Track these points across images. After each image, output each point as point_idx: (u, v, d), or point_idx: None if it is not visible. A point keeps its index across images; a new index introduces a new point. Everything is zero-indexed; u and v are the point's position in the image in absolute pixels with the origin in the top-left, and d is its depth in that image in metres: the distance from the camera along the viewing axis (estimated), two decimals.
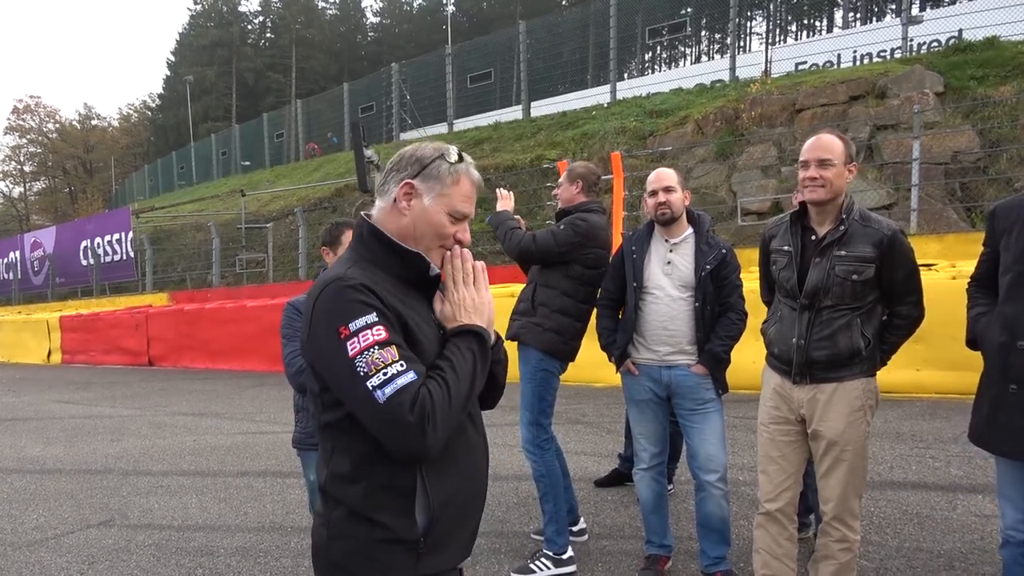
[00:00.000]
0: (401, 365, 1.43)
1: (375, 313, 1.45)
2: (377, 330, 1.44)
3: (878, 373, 2.85)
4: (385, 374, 1.41)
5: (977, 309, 2.60)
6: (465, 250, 1.64)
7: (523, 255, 3.73)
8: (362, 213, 1.66)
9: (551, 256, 3.66)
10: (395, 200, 1.59)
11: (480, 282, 1.63)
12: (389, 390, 1.40)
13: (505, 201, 3.93)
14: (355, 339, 1.43)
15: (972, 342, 2.63)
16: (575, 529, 4.02)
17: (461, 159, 1.62)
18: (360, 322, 1.44)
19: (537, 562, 3.65)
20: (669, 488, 4.39)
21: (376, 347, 1.42)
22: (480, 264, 1.64)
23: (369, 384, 1.41)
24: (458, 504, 1.60)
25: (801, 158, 2.77)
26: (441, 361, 1.52)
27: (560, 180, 3.91)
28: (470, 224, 1.67)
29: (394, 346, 1.44)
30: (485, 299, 1.62)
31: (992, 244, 2.56)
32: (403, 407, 1.39)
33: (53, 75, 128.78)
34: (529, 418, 3.73)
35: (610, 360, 3.55)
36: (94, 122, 67.50)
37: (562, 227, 3.67)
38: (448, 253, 1.63)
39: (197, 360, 14.18)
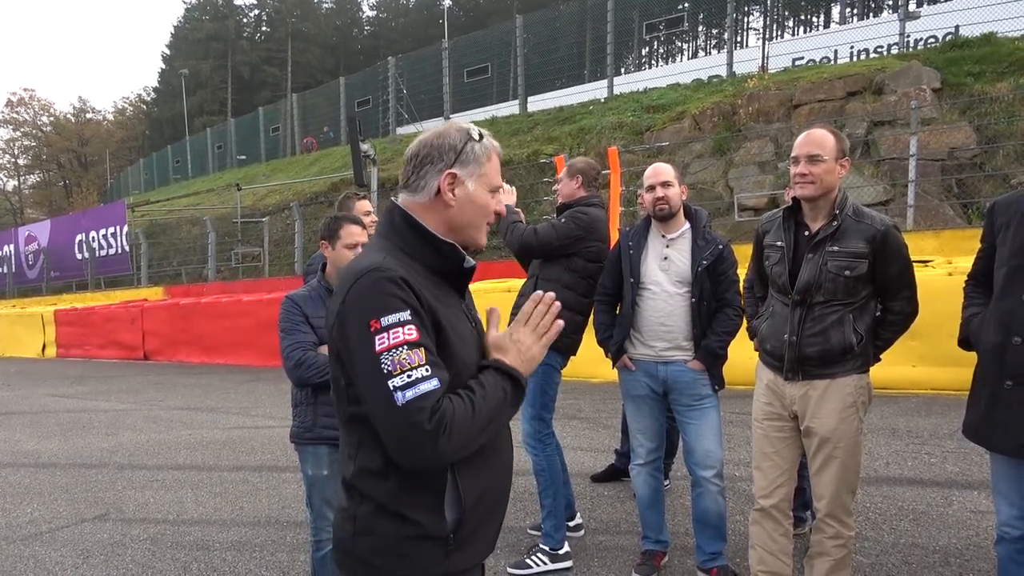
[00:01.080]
0: (427, 370, 1.38)
1: (409, 311, 1.41)
2: (409, 329, 1.40)
3: (873, 369, 2.85)
4: (409, 376, 1.37)
5: (972, 309, 2.59)
6: (555, 303, 1.58)
7: (524, 248, 3.73)
8: (392, 199, 1.61)
9: (552, 249, 3.66)
10: (438, 192, 1.55)
11: (546, 339, 1.58)
12: (410, 394, 1.36)
13: (507, 195, 3.92)
14: (385, 335, 1.39)
15: (964, 341, 2.62)
16: (571, 524, 4.02)
17: (481, 135, 1.61)
18: (393, 318, 1.40)
19: (534, 557, 3.65)
20: (665, 484, 4.39)
21: (405, 347, 1.38)
22: (559, 324, 1.59)
23: (391, 384, 1.37)
24: (488, 501, 1.58)
25: (792, 154, 2.77)
26: (475, 384, 1.47)
27: (560, 176, 3.90)
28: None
29: (423, 348, 1.40)
30: (538, 354, 1.58)
31: (989, 240, 2.55)
32: (422, 412, 1.36)
33: (47, 68, 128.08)
34: (531, 412, 3.74)
35: (607, 356, 3.55)
36: (89, 115, 67.20)
37: (563, 220, 3.68)
38: (538, 292, 1.59)
39: (193, 354, 14.14)
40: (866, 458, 4.38)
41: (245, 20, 62.57)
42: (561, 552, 3.67)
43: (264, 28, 62.49)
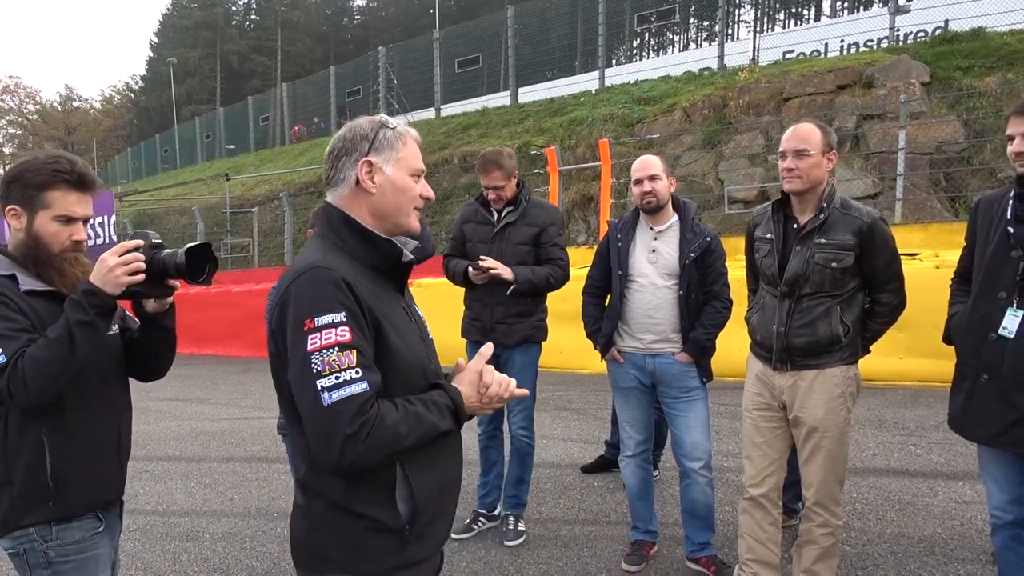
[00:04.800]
0: (356, 372, 1.40)
1: (345, 313, 1.42)
2: (342, 331, 1.41)
3: (861, 361, 2.89)
4: (337, 378, 1.38)
5: (956, 307, 2.66)
6: (517, 389, 1.61)
7: (564, 280, 3.83)
8: (327, 200, 1.63)
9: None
10: (357, 182, 1.57)
11: (502, 399, 1.59)
12: (337, 395, 1.38)
13: (501, 271, 3.70)
14: (317, 334, 1.40)
15: (948, 338, 2.69)
16: (496, 512, 4.19)
17: (394, 125, 1.63)
18: (327, 319, 1.41)
19: (520, 526, 3.95)
20: (655, 475, 4.43)
21: (336, 348, 1.40)
22: (519, 392, 1.62)
23: (318, 384, 1.39)
24: (443, 492, 1.61)
25: (779, 149, 2.81)
26: (418, 399, 1.49)
27: (496, 183, 3.77)
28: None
29: (355, 351, 1.41)
30: (488, 407, 1.60)
31: (972, 238, 2.61)
32: (343, 416, 1.37)
33: (33, 55, 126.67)
34: (528, 404, 3.92)
35: (595, 348, 3.56)
36: (76, 104, 66.69)
37: (556, 246, 3.79)
38: (513, 381, 1.60)
39: (181, 345, 13.63)
40: (853, 449, 4.43)
41: (234, 8, 62.00)
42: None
43: (253, 17, 61.92)
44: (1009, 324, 2.37)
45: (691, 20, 37.56)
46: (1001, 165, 9.93)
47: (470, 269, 3.65)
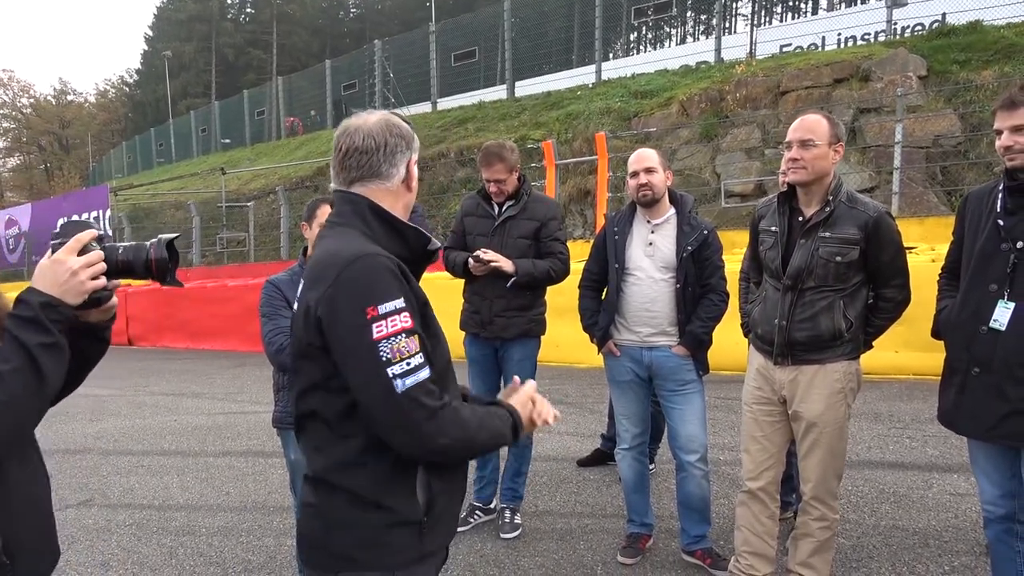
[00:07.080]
0: (421, 358, 1.41)
1: (403, 299, 1.43)
2: (405, 317, 1.41)
3: None
4: (408, 364, 1.39)
5: (945, 302, 2.66)
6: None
7: (565, 274, 3.84)
8: (348, 190, 1.60)
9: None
10: (405, 178, 1.61)
11: (546, 419, 1.67)
12: (410, 381, 1.38)
13: (502, 263, 3.69)
14: (383, 322, 1.39)
15: (937, 333, 2.69)
16: (491, 506, 4.21)
17: None
18: (390, 305, 1.40)
19: (516, 518, 3.96)
20: (651, 468, 4.43)
21: (404, 335, 1.40)
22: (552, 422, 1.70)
23: (390, 371, 1.38)
24: (455, 481, 1.61)
25: (786, 139, 2.78)
26: (480, 408, 1.55)
27: (498, 176, 3.78)
28: None
29: (417, 336, 1.43)
30: (537, 422, 1.67)
31: (960, 231, 2.60)
32: (419, 400, 1.39)
33: (27, 48, 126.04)
34: None
35: (592, 341, 3.56)
36: (70, 97, 66.22)
37: (557, 240, 3.80)
38: (553, 412, 1.71)
39: (177, 340, 14.04)
40: (849, 442, 4.43)
41: (229, 1, 61.67)
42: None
43: (249, 10, 61.60)
44: (1000, 316, 2.36)
45: (688, 14, 37.44)
46: (997, 159, 9.93)
47: (470, 261, 3.64)
